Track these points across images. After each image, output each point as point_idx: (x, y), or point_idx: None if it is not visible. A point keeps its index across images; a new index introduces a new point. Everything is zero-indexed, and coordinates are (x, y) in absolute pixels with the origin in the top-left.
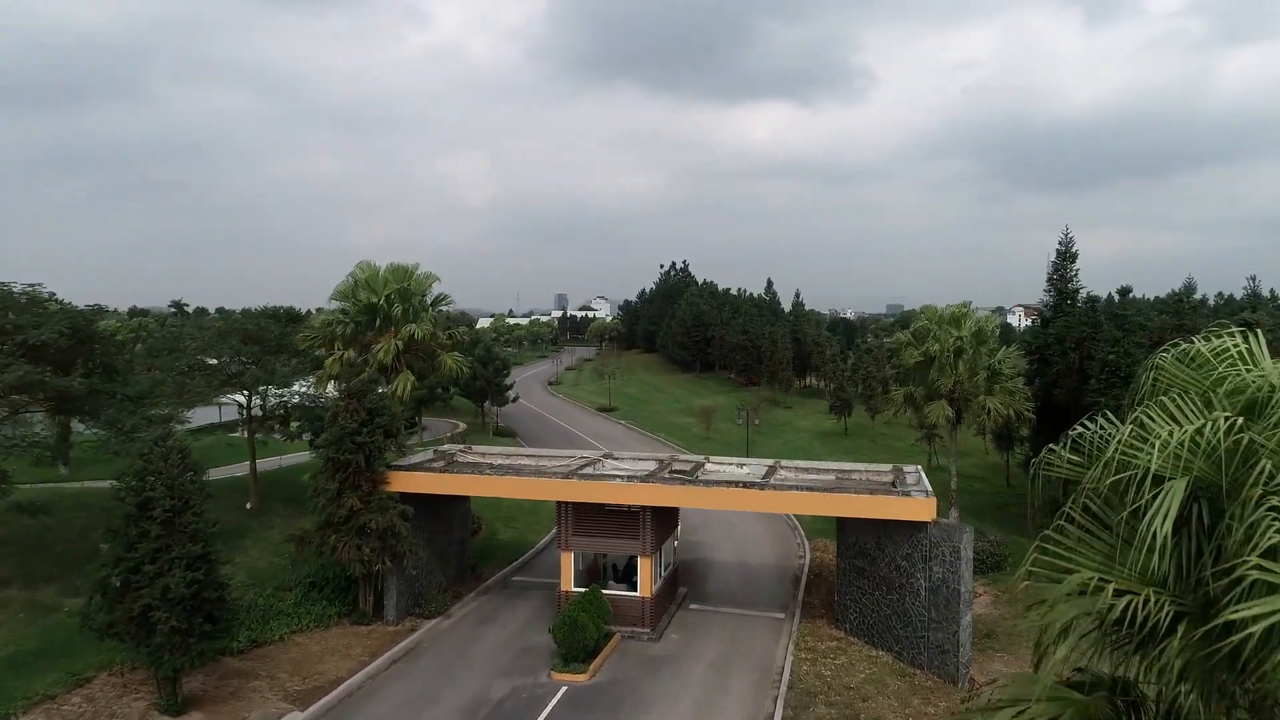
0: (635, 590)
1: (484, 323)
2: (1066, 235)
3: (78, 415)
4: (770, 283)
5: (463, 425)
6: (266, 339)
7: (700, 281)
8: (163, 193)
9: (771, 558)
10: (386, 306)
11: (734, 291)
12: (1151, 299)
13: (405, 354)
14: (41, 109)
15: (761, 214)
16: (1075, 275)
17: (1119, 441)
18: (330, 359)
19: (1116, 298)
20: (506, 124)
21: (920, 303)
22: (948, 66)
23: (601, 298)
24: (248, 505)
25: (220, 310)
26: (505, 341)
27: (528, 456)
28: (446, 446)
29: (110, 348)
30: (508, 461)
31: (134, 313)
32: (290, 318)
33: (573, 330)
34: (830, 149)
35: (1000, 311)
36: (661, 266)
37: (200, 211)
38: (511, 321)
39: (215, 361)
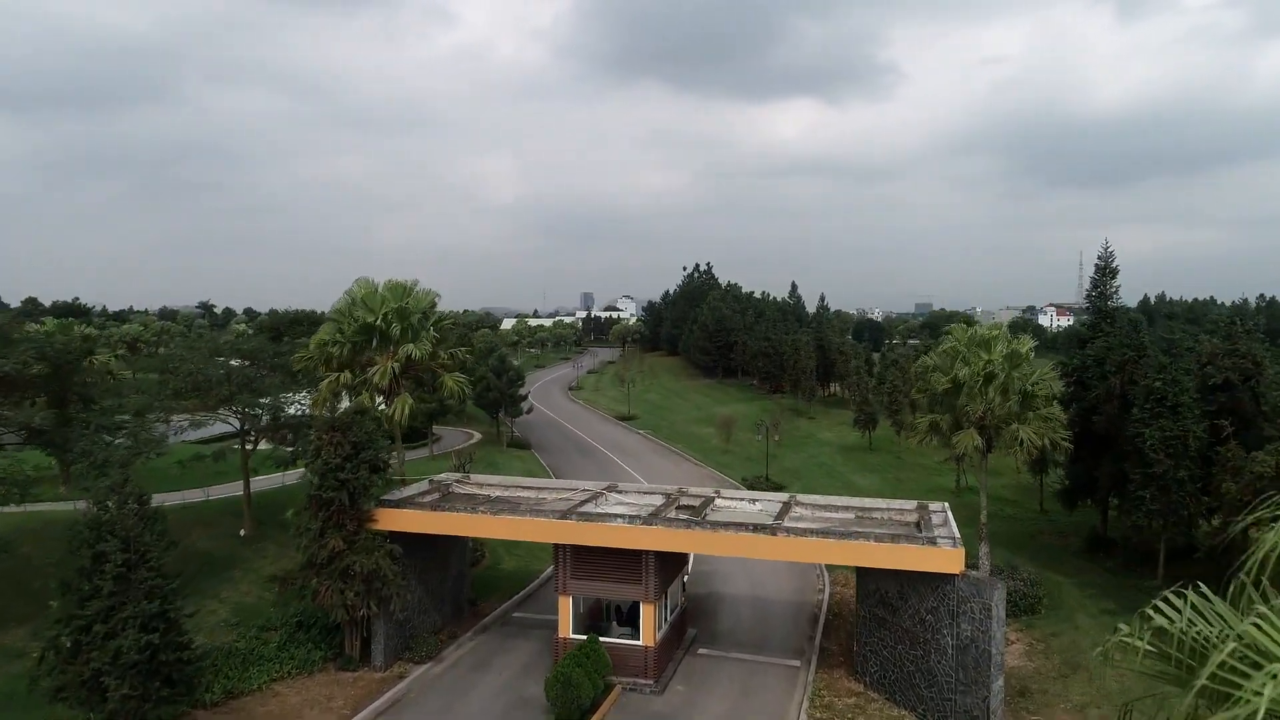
0: (638, 638)
1: (508, 323)
2: (1106, 250)
3: (46, 448)
4: (795, 286)
5: (477, 435)
6: (261, 359)
7: (724, 284)
8: (194, 193)
9: (788, 592)
10: (384, 326)
11: (757, 295)
12: (1189, 301)
13: (404, 375)
14: (78, 112)
15: (788, 212)
16: (1115, 292)
17: (1218, 661)
18: (326, 381)
19: (1152, 300)
20: (533, 123)
21: (949, 301)
22: (976, 62)
23: (627, 297)
24: (241, 532)
25: (248, 311)
26: (528, 343)
27: (527, 488)
28: (443, 476)
29: (87, 376)
30: (506, 494)
31: (164, 314)
32: (312, 321)
33: (597, 331)
34: (857, 146)
35: (1031, 311)
36: (684, 269)
37: (231, 211)
38: (535, 323)
39: (207, 381)
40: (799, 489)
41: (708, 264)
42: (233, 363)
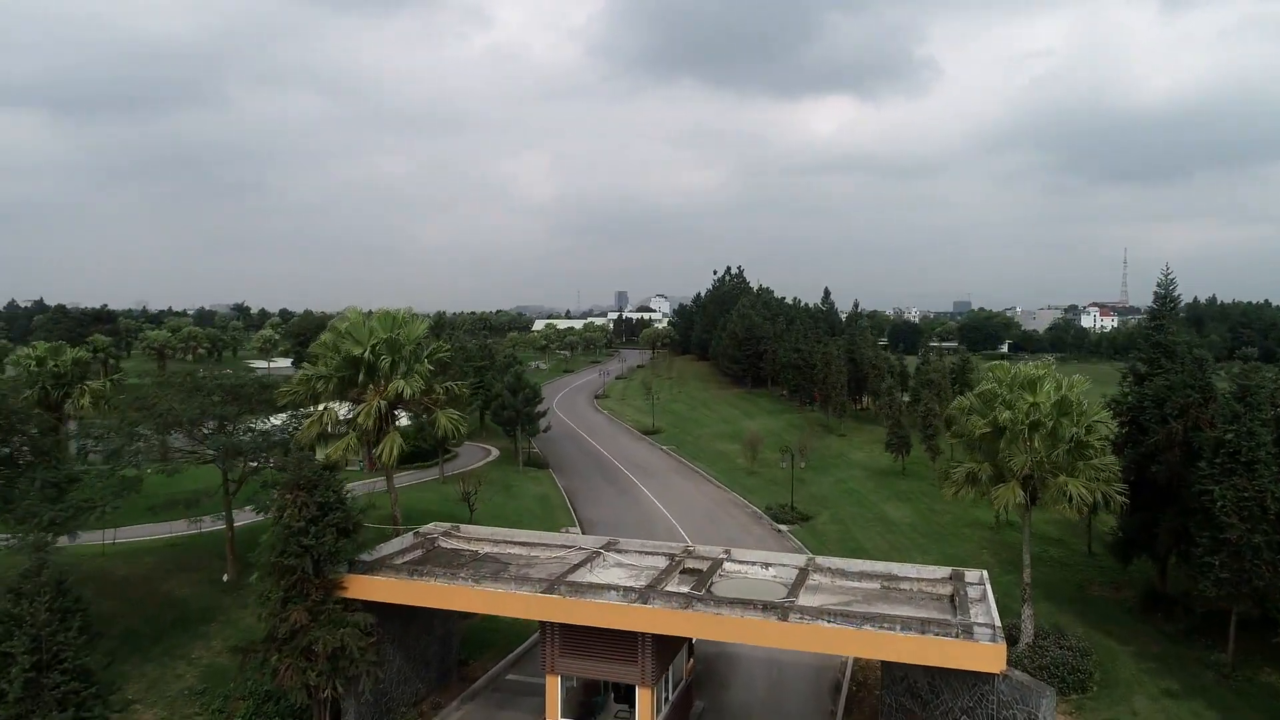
0: None
1: (539, 325)
2: (1167, 276)
3: None
4: (827, 292)
5: (494, 452)
6: (245, 395)
7: (755, 288)
8: (236, 194)
9: (808, 654)
10: (372, 359)
11: (789, 300)
12: (1244, 304)
13: (395, 410)
14: (125, 115)
15: (823, 210)
16: (1178, 331)
17: None
18: (309, 421)
19: (1202, 301)
20: (568, 123)
21: (988, 300)
22: (1016, 56)
23: (661, 295)
24: (224, 576)
25: (283, 312)
26: (558, 347)
27: (519, 543)
28: (430, 526)
29: (34, 425)
30: (495, 550)
31: (201, 316)
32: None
33: (628, 333)
34: (893, 143)
35: (1073, 310)
36: (715, 273)
37: (271, 212)
38: (565, 325)
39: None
40: (827, 519)
41: (739, 268)
42: (214, 398)
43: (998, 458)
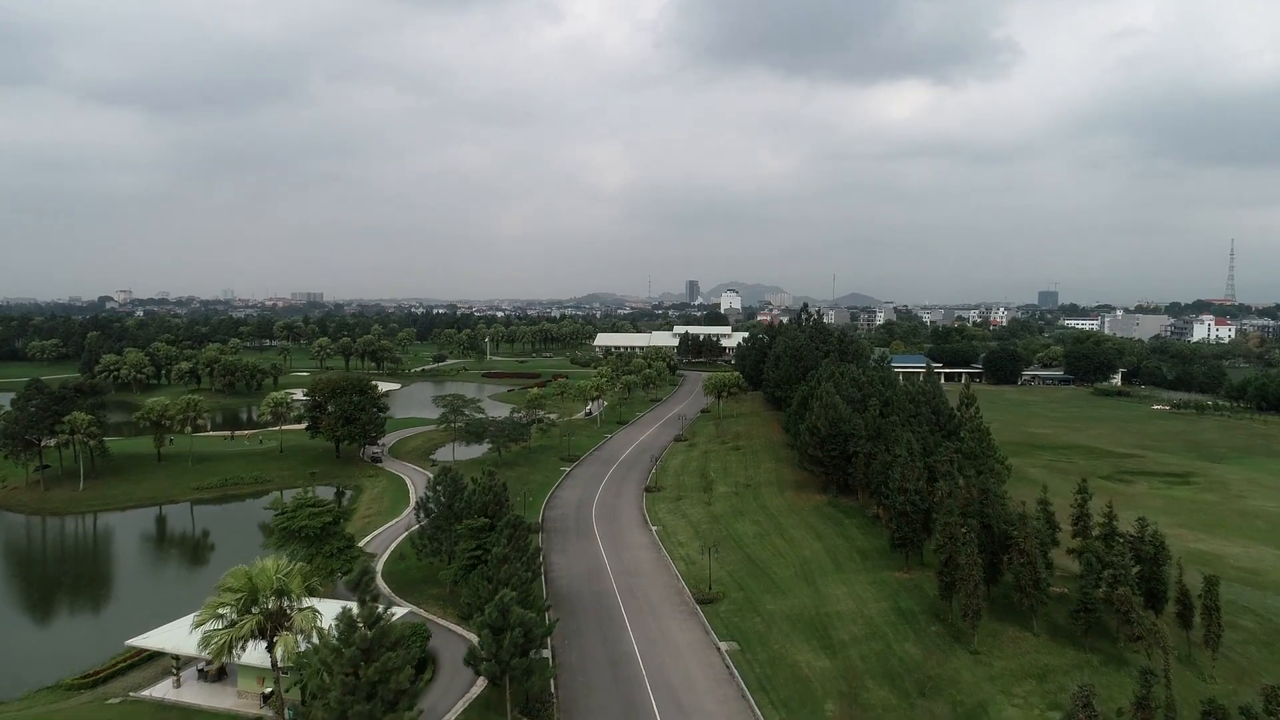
0: None
1: (600, 339)
2: None
3: None
4: (929, 367)
5: (479, 685)
6: None
7: (836, 337)
8: (317, 187)
9: None
10: None
11: (862, 322)
12: None
13: None
14: (215, 112)
15: (900, 196)
16: None
17: None
18: None
19: None
20: (640, 112)
21: (1076, 293)
22: (1104, 36)
23: (731, 290)
24: None
25: (360, 306)
26: (619, 385)
27: None
28: None
29: None
30: None
31: (263, 323)
32: (356, 389)
33: (693, 351)
34: (972, 127)
35: (1177, 310)
36: (786, 317)
37: (351, 204)
38: (629, 344)
39: None
40: None
41: (817, 311)
42: None
43: None
